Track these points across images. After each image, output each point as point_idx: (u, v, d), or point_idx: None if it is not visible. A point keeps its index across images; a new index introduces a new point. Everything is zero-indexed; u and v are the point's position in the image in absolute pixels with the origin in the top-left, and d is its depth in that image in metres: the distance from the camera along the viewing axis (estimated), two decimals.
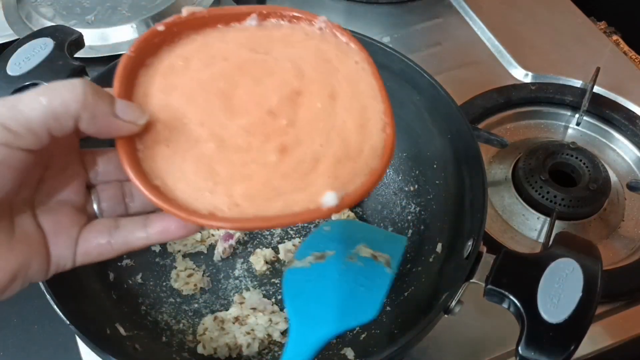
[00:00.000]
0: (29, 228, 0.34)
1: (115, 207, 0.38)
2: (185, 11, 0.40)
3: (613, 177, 0.75)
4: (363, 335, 0.57)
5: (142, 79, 0.38)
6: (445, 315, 0.47)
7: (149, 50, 0.39)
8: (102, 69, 0.57)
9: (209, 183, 0.36)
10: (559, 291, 0.43)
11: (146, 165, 0.35)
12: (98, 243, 0.36)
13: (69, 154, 0.37)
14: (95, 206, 0.38)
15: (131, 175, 0.34)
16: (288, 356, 0.43)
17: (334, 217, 0.65)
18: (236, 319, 0.57)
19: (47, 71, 0.54)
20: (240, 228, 0.37)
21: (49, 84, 0.32)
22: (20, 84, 0.54)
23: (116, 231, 0.36)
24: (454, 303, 0.46)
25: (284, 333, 0.58)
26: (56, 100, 0.31)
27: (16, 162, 0.31)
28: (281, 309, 0.59)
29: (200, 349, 0.56)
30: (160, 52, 0.39)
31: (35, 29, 0.61)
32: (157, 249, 0.62)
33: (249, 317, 0.58)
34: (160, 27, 0.38)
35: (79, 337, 0.45)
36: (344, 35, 0.41)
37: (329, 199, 0.35)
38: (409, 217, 0.64)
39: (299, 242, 0.63)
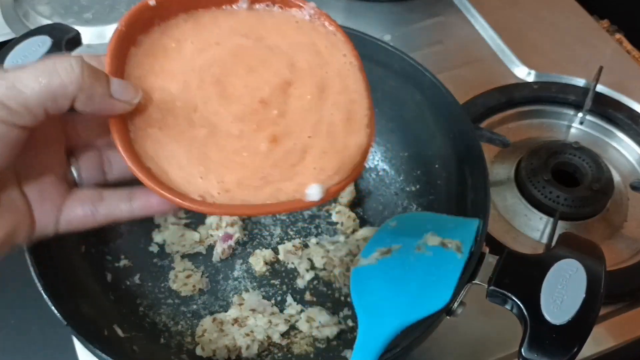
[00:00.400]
0: (15, 197, 0.35)
1: (95, 175, 0.39)
2: None
3: (616, 177, 0.74)
4: None
5: (134, 58, 0.38)
6: (448, 317, 0.46)
7: (139, 25, 0.39)
8: None
9: (201, 168, 0.36)
10: (562, 292, 0.42)
11: (138, 147, 0.36)
12: (82, 213, 0.37)
13: (51, 122, 0.37)
14: (75, 174, 0.38)
15: (125, 157, 0.35)
16: (358, 352, 0.43)
17: (335, 217, 0.65)
18: (235, 320, 0.57)
19: None
20: (226, 214, 0.39)
21: (47, 62, 0.32)
22: None
23: (100, 203, 0.38)
24: (456, 304, 0.45)
25: (283, 335, 0.57)
26: (55, 82, 0.31)
27: (11, 137, 0.32)
28: (281, 311, 0.59)
29: (199, 351, 0.55)
30: (152, 30, 0.39)
31: (32, 27, 0.61)
32: (156, 249, 0.62)
33: (248, 319, 0.57)
34: (151, 2, 0.38)
35: (77, 338, 0.45)
36: (332, 25, 0.42)
37: (314, 190, 0.36)
38: None
39: (299, 242, 0.63)
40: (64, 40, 0.56)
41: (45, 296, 0.46)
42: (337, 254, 0.62)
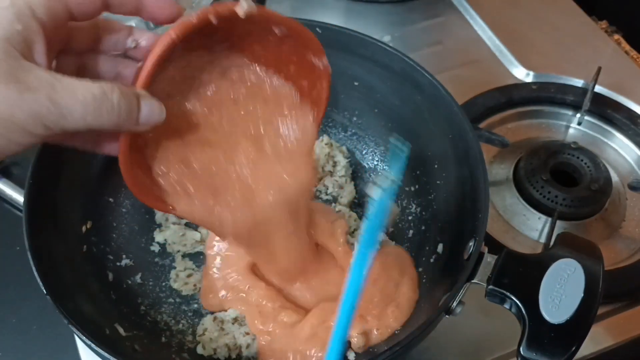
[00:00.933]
0: None
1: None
2: (244, 6, 0.37)
3: (614, 177, 0.75)
4: None
5: (163, 87, 0.41)
6: (447, 316, 0.46)
7: (188, 43, 0.38)
8: None
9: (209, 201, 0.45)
10: (561, 292, 0.43)
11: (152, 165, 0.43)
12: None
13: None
14: None
15: (126, 177, 0.40)
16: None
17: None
18: (235, 319, 0.57)
19: None
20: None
21: (97, 96, 0.33)
22: None
23: (70, 137, 0.40)
24: (455, 304, 0.46)
25: None
26: (97, 122, 0.34)
27: (35, 143, 0.34)
28: None
29: (199, 350, 0.55)
30: (194, 65, 0.43)
31: None
32: (157, 249, 0.62)
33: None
34: (213, 19, 0.36)
35: (79, 337, 0.45)
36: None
37: None
38: (410, 218, 0.64)
39: None
40: None
41: (46, 295, 0.46)
42: None
